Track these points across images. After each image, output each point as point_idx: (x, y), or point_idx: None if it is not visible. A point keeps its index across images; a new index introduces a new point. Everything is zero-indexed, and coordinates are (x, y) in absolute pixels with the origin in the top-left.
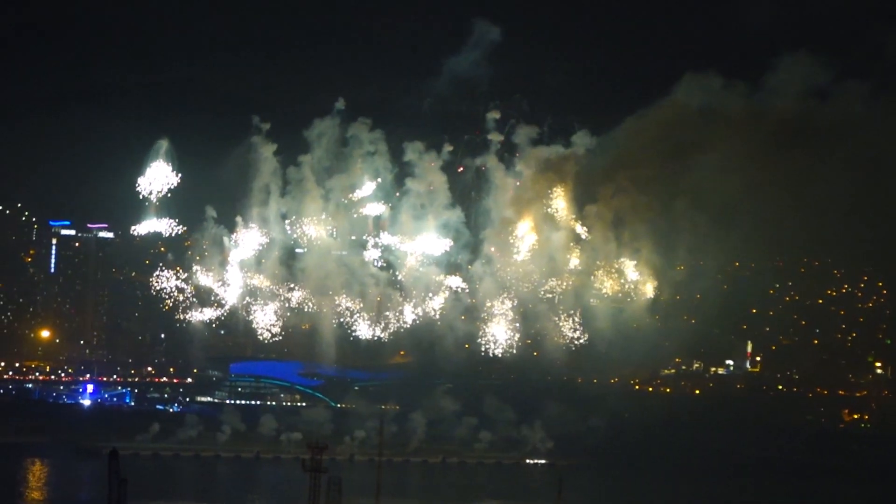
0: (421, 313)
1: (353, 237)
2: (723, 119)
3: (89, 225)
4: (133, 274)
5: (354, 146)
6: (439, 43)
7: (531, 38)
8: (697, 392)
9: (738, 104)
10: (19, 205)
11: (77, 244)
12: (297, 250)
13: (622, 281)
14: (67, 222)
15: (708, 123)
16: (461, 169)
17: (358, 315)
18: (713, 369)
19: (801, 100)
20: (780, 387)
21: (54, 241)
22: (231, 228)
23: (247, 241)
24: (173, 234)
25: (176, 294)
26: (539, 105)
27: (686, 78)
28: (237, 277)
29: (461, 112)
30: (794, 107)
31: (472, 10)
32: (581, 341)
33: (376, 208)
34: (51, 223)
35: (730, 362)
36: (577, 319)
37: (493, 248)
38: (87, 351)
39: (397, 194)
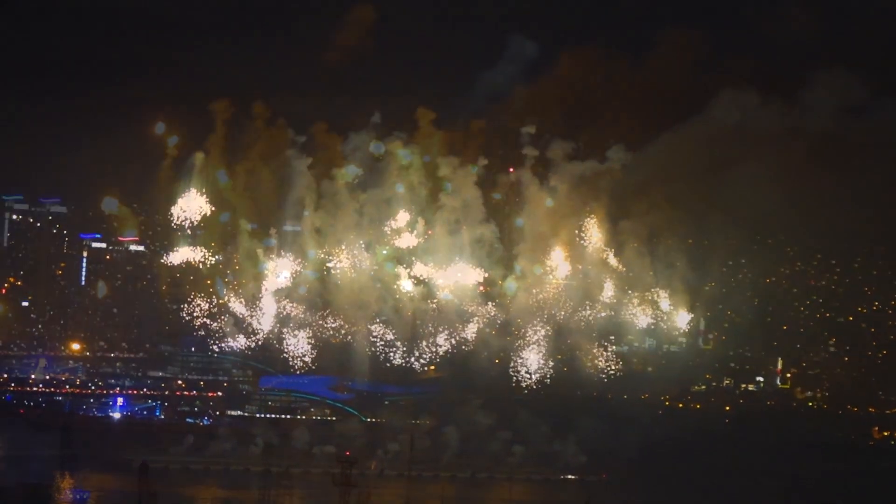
0: (454, 342)
1: (385, 251)
2: (758, 135)
3: (120, 238)
4: (164, 287)
5: (389, 160)
6: (475, 57)
7: (568, 52)
8: (728, 408)
9: (774, 120)
10: (50, 217)
11: (108, 256)
12: (330, 265)
13: (656, 313)
14: (98, 235)
15: (743, 140)
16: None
17: (391, 344)
18: (743, 386)
19: (837, 116)
20: (811, 404)
21: (84, 253)
22: (265, 241)
23: (280, 268)
24: (208, 265)
25: (209, 324)
26: (574, 120)
27: (722, 94)
28: (270, 304)
29: (496, 127)
30: (830, 123)
31: (508, 24)
32: (614, 371)
33: (409, 239)
34: (81, 236)
35: (760, 379)
36: (611, 349)
37: (526, 266)
38: (118, 364)
39: (428, 231)
